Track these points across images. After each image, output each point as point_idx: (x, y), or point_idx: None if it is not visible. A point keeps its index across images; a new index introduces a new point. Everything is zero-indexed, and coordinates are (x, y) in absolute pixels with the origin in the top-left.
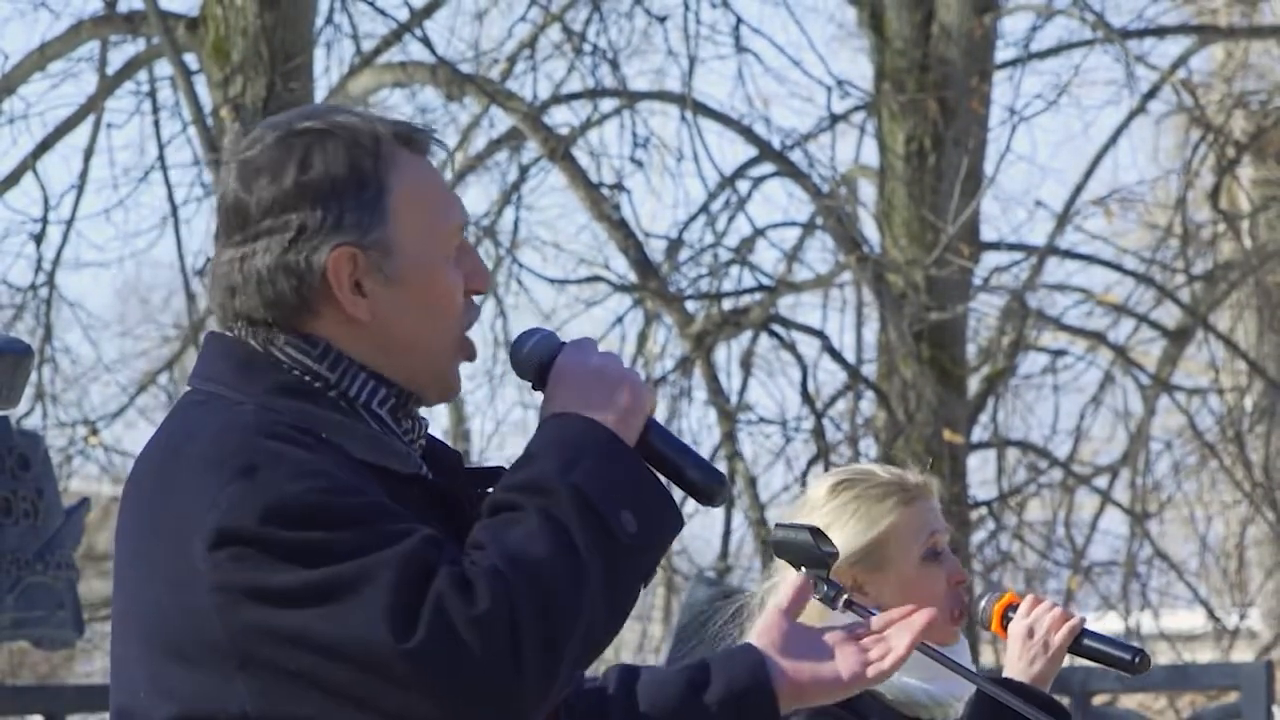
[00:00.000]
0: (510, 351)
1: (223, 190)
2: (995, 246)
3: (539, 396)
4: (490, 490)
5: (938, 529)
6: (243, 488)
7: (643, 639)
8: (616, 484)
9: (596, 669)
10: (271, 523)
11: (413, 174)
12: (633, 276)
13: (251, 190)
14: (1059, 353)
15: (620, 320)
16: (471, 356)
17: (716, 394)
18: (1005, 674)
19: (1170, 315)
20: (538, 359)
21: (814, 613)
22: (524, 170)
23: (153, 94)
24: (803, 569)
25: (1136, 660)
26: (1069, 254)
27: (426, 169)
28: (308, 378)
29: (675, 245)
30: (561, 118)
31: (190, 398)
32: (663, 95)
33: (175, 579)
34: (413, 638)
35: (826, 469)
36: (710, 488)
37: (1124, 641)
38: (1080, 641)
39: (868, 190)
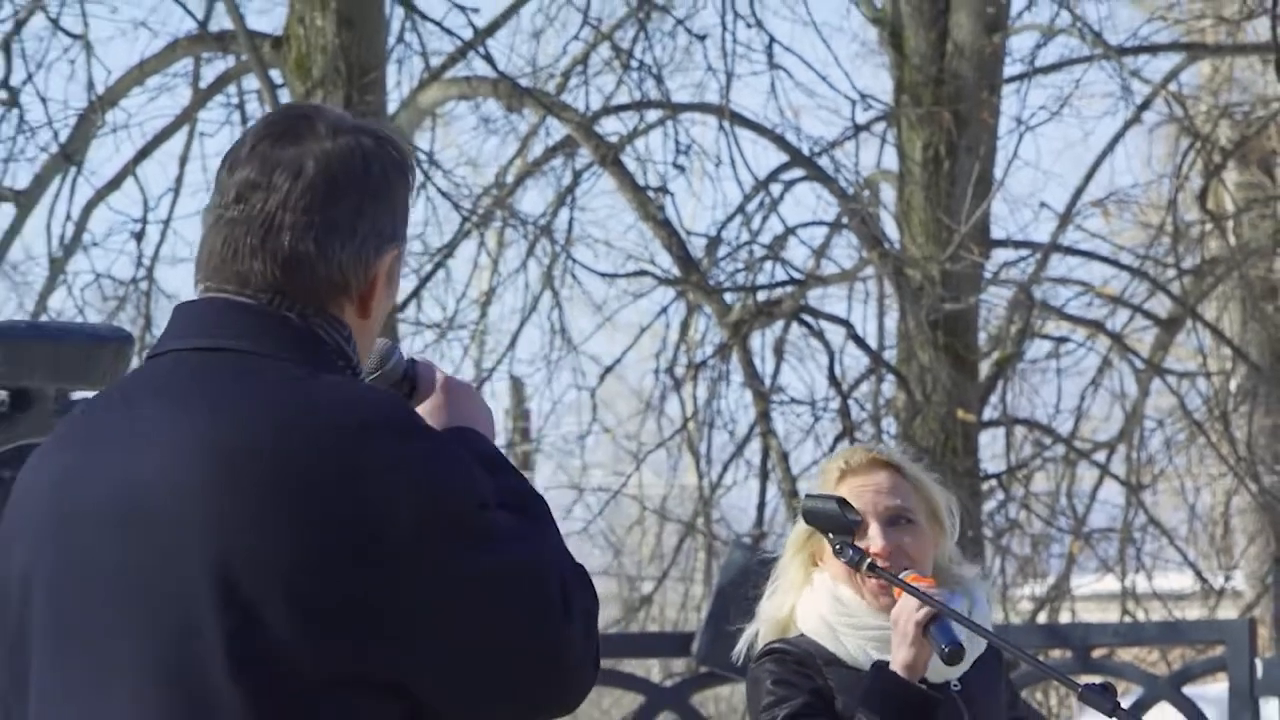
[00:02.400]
0: (378, 363)
1: (301, 176)
2: (1003, 244)
3: (591, 378)
4: None
5: (856, 505)
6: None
7: (685, 597)
8: None
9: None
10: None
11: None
12: (676, 271)
13: (334, 180)
14: (1061, 340)
15: (664, 310)
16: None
17: (752, 377)
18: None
19: (1162, 306)
20: (399, 372)
21: (841, 571)
22: (577, 175)
23: (241, 106)
24: (830, 534)
25: (946, 651)
26: (1070, 250)
27: None
28: (339, 360)
29: (714, 242)
30: (611, 127)
31: (260, 361)
32: (703, 107)
33: (365, 538)
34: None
35: (851, 445)
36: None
37: (952, 635)
38: (927, 628)
39: (888, 193)
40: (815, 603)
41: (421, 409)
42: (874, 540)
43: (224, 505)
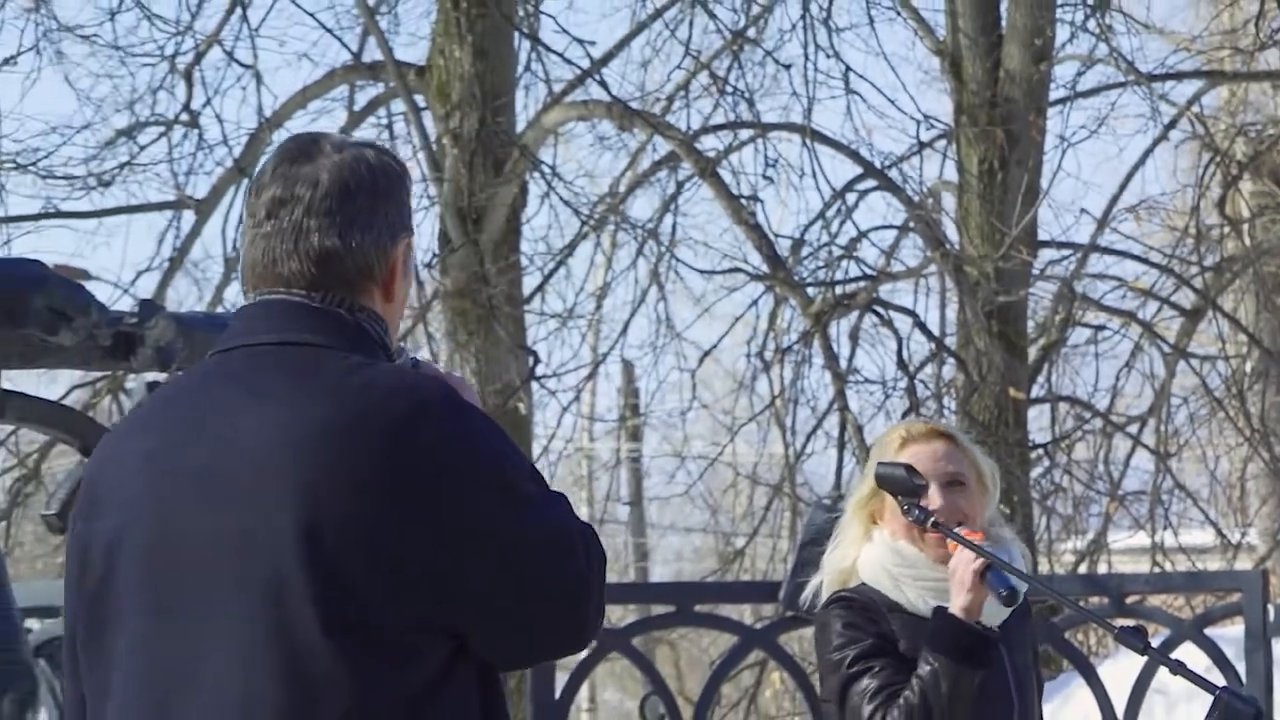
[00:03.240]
0: None
1: (297, 179)
2: (1049, 244)
3: (691, 361)
4: None
5: (919, 470)
6: (501, 442)
7: (773, 551)
8: None
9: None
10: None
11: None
12: (765, 268)
13: (347, 185)
14: (1099, 328)
15: (755, 303)
16: (536, 361)
17: (831, 360)
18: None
19: (1186, 298)
20: (409, 366)
21: (901, 528)
22: (680, 185)
23: (389, 126)
24: (898, 496)
25: (1004, 594)
26: (1107, 250)
27: None
28: (380, 349)
29: (798, 244)
30: (709, 144)
31: (328, 354)
32: (788, 126)
33: (443, 506)
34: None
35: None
36: None
37: (1008, 581)
38: (983, 576)
39: (949, 200)
40: (876, 555)
41: None
42: (934, 500)
43: (309, 479)
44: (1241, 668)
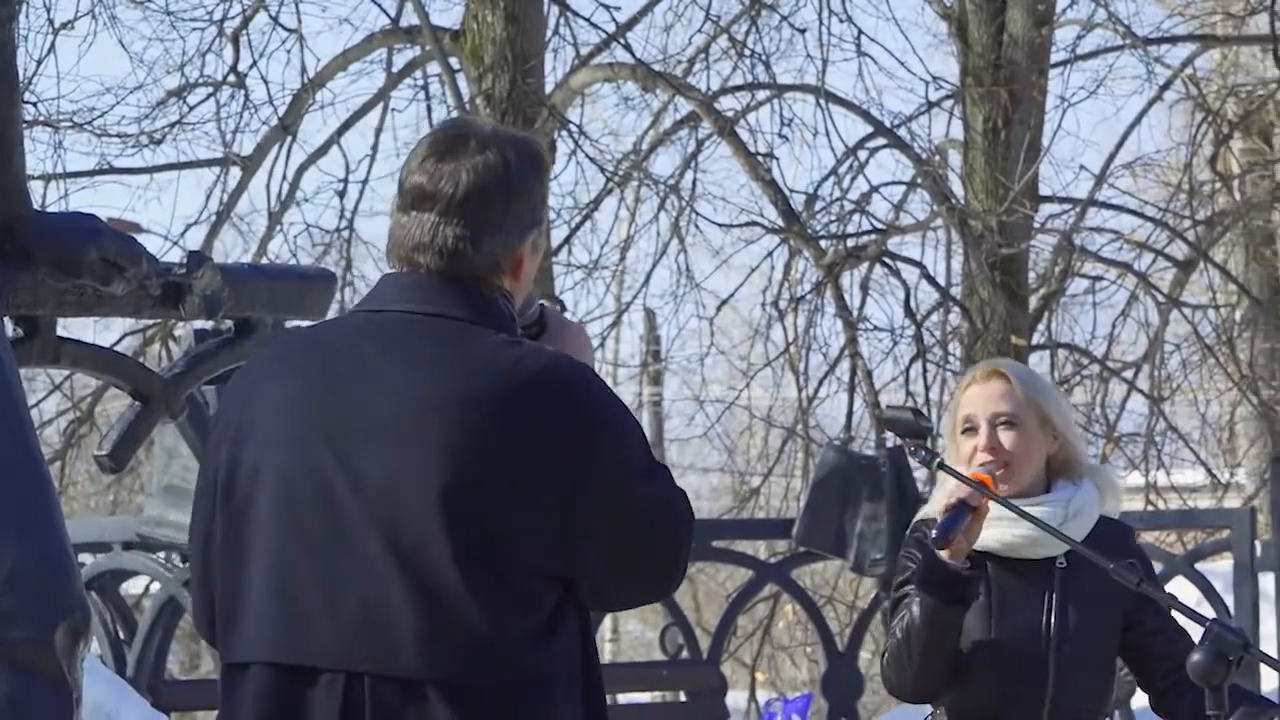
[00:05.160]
0: (520, 308)
1: (444, 176)
2: (1050, 199)
3: (710, 309)
4: None
5: (972, 410)
6: (628, 419)
7: (787, 490)
8: None
9: None
10: (640, 447)
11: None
12: (780, 222)
13: (484, 185)
14: (1097, 278)
15: (770, 254)
16: (562, 308)
17: (842, 309)
18: None
19: (1180, 250)
20: (537, 313)
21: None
22: (700, 143)
23: (425, 87)
24: (905, 439)
25: (934, 537)
26: (1104, 205)
27: None
28: (512, 325)
29: (812, 199)
30: (728, 104)
31: (469, 328)
32: (802, 87)
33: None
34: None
35: (924, 366)
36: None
37: (943, 524)
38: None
39: (955, 158)
40: (938, 496)
41: (546, 341)
42: (981, 439)
43: (458, 443)
44: (1230, 600)
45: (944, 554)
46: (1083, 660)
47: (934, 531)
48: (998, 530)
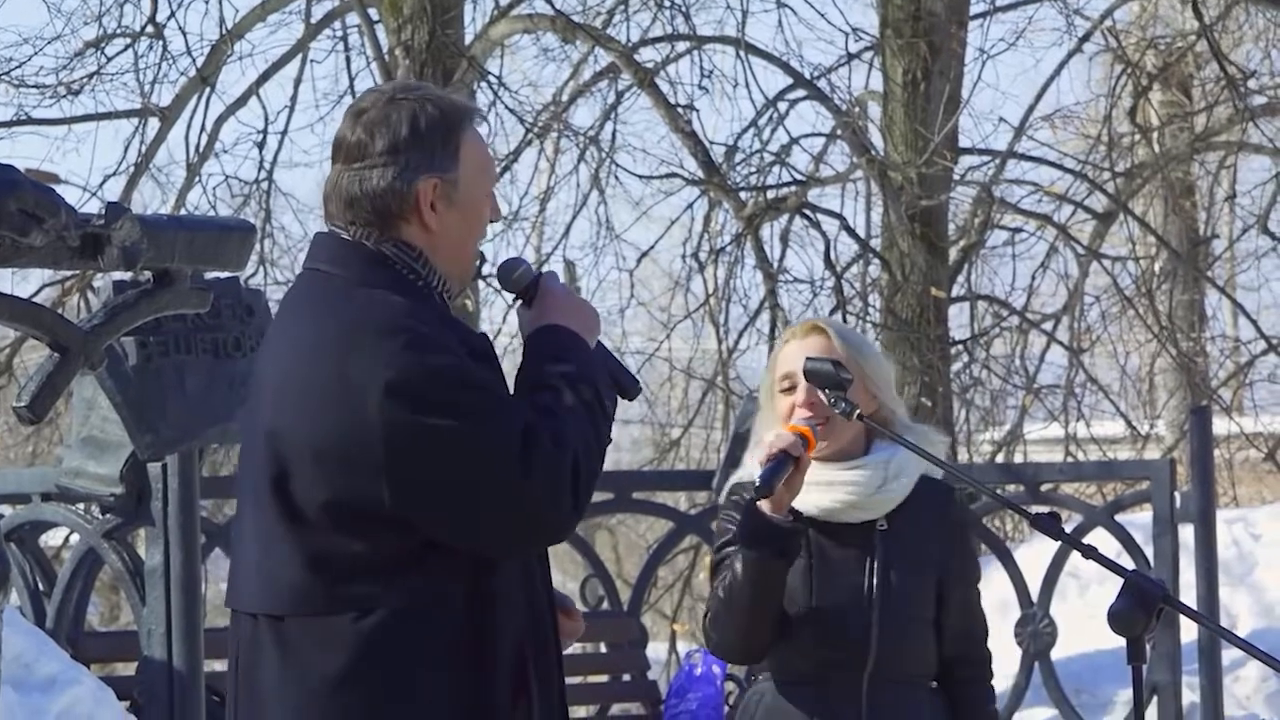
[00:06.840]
0: (500, 273)
1: (345, 132)
2: (969, 151)
3: (630, 261)
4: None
5: (791, 368)
6: (410, 354)
7: (707, 441)
8: (613, 376)
9: None
10: (431, 381)
11: (475, 140)
12: (700, 173)
13: (373, 135)
14: (1016, 230)
15: (690, 206)
16: (482, 262)
17: (762, 261)
18: None
19: (1099, 202)
20: (527, 280)
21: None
22: (620, 95)
23: (344, 38)
24: (825, 390)
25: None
26: (1024, 157)
27: (482, 139)
28: (407, 273)
29: (731, 150)
30: (647, 56)
31: (330, 282)
32: (722, 39)
33: (351, 411)
34: (532, 453)
35: (844, 318)
36: (631, 389)
37: (764, 475)
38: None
39: (875, 109)
40: (754, 454)
41: (535, 307)
42: (800, 394)
43: (280, 390)
44: (1150, 551)
45: (765, 506)
46: (905, 622)
47: (756, 482)
48: (815, 495)
